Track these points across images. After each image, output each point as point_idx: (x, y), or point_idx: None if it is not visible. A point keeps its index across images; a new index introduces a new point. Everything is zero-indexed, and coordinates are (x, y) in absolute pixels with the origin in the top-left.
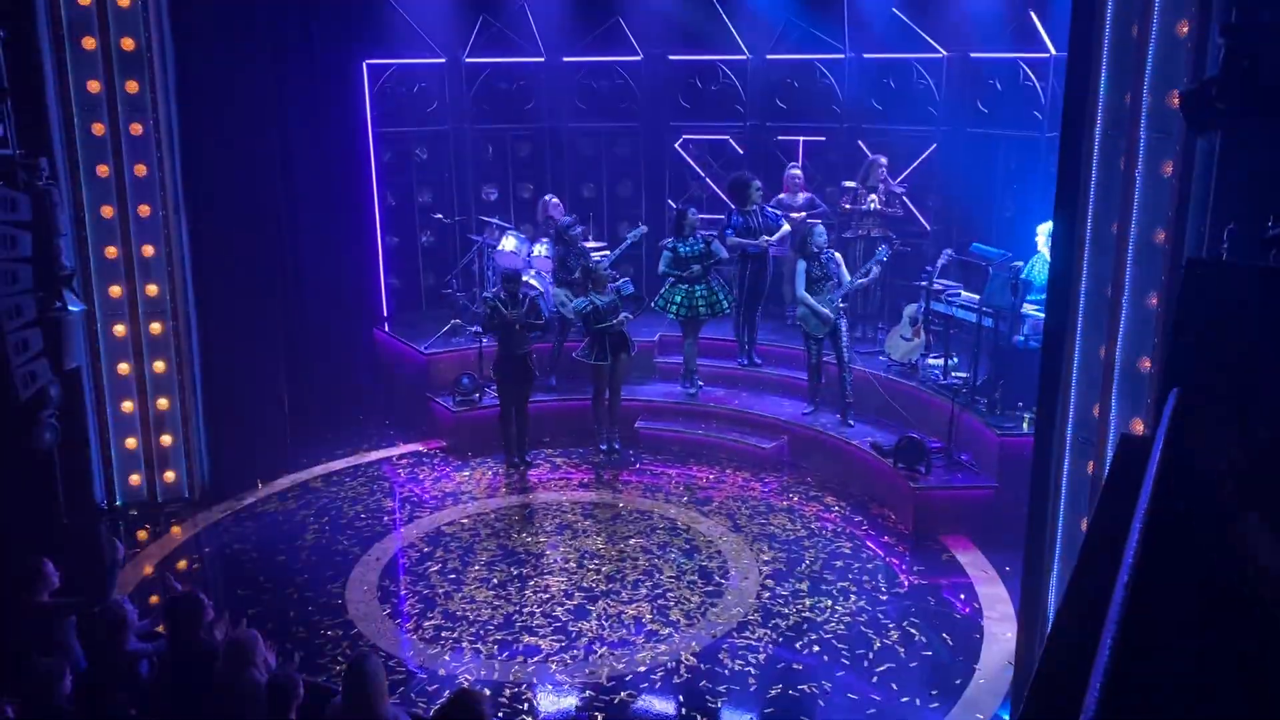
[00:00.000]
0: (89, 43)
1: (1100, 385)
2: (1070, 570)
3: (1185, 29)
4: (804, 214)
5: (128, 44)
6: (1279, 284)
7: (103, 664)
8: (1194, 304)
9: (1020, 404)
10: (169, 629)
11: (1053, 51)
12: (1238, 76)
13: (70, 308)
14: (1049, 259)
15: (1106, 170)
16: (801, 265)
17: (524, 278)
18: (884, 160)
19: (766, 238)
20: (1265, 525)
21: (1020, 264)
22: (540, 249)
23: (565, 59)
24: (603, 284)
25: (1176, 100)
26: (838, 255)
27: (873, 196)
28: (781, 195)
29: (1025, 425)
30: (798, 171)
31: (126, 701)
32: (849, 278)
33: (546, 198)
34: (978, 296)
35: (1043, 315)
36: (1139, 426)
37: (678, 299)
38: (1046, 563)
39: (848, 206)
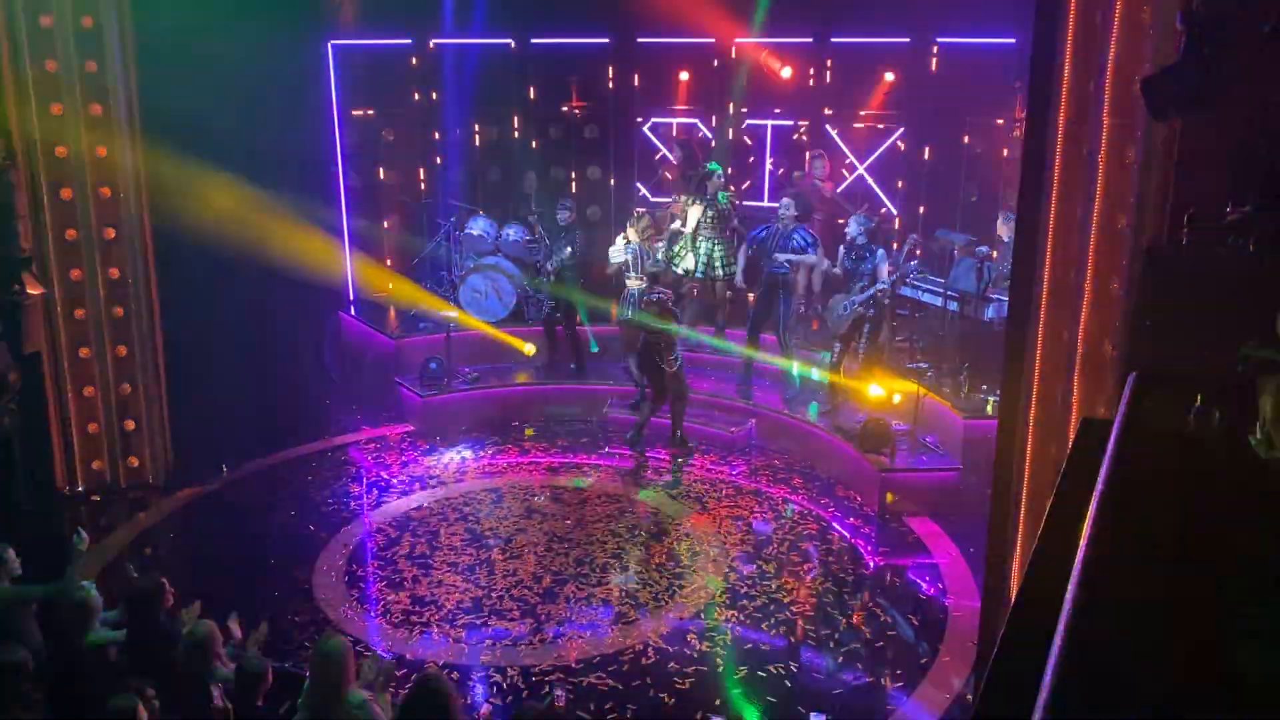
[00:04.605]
0: (46, 20)
1: (1063, 369)
2: (1032, 550)
3: (1148, 16)
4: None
5: (87, 22)
6: (1235, 270)
7: (68, 650)
8: (1154, 289)
9: (985, 387)
10: (129, 615)
11: (1018, 38)
12: (1198, 63)
13: (29, 291)
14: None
15: (1070, 156)
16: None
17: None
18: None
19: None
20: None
21: (985, 249)
22: (510, 232)
23: (534, 41)
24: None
25: (1139, 87)
26: (880, 251)
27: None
28: (817, 180)
29: (989, 409)
30: (821, 161)
31: (97, 687)
32: (885, 279)
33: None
34: (943, 280)
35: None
36: (1100, 410)
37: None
38: (1009, 544)
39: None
